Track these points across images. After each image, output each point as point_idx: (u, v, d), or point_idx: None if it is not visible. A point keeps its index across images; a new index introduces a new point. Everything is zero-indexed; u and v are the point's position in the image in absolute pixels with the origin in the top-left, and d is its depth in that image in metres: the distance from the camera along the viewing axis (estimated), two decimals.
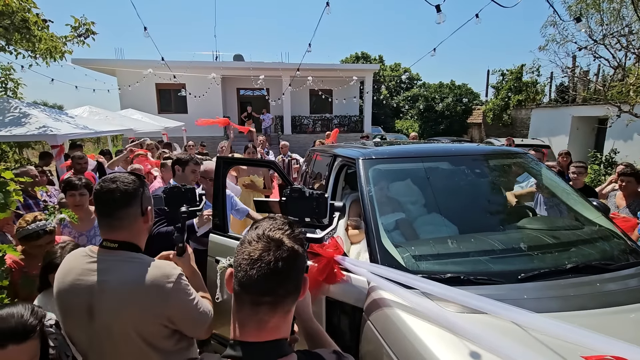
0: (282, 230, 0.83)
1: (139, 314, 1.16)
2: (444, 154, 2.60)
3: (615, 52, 6.36)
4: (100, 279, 1.17)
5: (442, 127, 21.16)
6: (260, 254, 0.77)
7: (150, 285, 1.15)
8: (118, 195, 1.19)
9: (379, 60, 28.82)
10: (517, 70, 18.02)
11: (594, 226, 2.15)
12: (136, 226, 1.25)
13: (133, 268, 1.19)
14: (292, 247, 0.80)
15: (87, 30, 5.69)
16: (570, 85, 13.37)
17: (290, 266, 0.79)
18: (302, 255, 0.83)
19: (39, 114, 5.55)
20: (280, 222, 0.86)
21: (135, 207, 1.23)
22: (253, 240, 0.81)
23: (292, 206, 1.14)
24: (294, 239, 0.83)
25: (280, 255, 0.78)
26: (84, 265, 1.20)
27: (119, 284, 1.16)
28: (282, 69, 16.33)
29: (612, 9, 6.14)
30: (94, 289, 1.16)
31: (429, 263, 1.77)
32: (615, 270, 1.74)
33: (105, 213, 1.21)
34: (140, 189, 1.25)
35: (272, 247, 0.78)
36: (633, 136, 9.91)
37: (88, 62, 14.47)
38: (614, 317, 1.40)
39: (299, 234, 0.85)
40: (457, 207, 2.31)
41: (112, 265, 1.19)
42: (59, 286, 1.21)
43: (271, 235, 0.81)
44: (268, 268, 0.76)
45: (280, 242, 0.80)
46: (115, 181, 1.21)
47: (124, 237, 1.23)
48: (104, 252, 1.22)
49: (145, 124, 9.85)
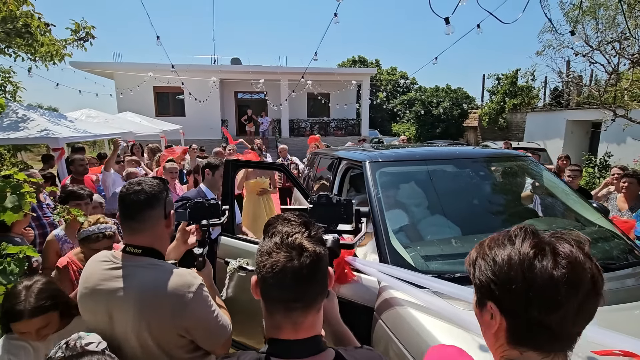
0: (300, 233, 0.81)
1: (157, 322, 1.14)
2: (448, 157, 2.65)
3: (610, 57, 6.51)
4: (120, 285, 1.16)
5: (439, 131, 21.34)
6: (284, 265, 0.76)
7: (171, 293, 1.14)
8: (143, 198, 1.19)
9: (376, 64, 29.03)
10: (512, 74, 18.25)
11: (594, 227, 2.21)
12: (158, 230, 1.24)
13: (154, 275, 1.17)
14: (313, 250, 0.78)
15: (87, 34, 5.71)
16: (565, 90, 13.57)
17: (316, 270, 0.78)
18: (324, 255, 0.81)
19: (38, 117, 5.54)
20: (296, 224, 0.83)
21: (158, 209, 1.22)
22: (273, 251, 0.78)
23: (319, 213, 1.15)
24: (313, 239, 0.81)
25: (304, 263, 0.76)
26: (105, 270, 1.19)
27: (139, 291, 1.15)
28: (280, 72, 16.42)
29: (607, 15, 6.29)
30: (113, 295, 1.15)
31: (438, 263, 1.80)
32: (616, 270, 1.79)
33: (129, 215, 1.21)
34: (164, 192, 1.25)
35: (295, 256, 0.77)
36: (627, 140, 10.07)
37: (86, 65, 14.44)
38: (618, 315, 1.44)
39: (317, 233, 0.83)
40: (462, 208, 2.36)
41: (133, 272, 1.18)
42: (81, 291, 1.21)
43: (290, 242, 0.78)
44: (294, 277, 0.76)
45: (302, 248, 0.78)
46: (141, 184, 1.22)
47: (146, 242, 1.22)
48: (126, 258, 1.21)
49: (143, 127, 9.83)
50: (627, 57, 6.18)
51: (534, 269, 0.63)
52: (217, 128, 16.71)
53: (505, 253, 0.66)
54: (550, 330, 0.63)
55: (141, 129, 9.42)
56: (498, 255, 0.67)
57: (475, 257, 0.72)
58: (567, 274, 0.61)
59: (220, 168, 2.78)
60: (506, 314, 0.66)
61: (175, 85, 13.55)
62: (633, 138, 9.69)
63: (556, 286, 0.61)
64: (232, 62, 18.86)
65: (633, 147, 9.87)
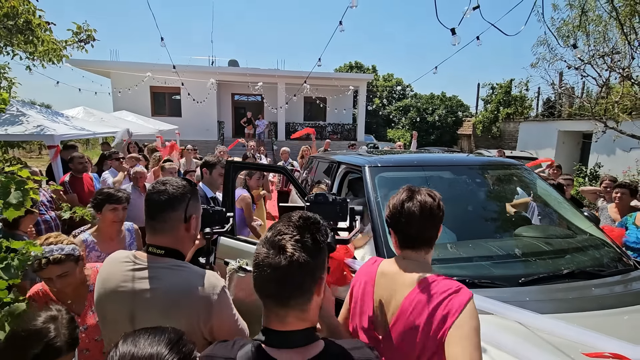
0: (289, 235, 0.81)
1: (183, 324, 1.11)
2: (445, 163, 2.71)
3: (601, 71, 6.68)
4: (145, 286, 1.14)
5: (433, 138, 21.58)
6: (262, 259, 0.79)
7: (198, 295, 1.13)
8: (165, 198, 1.18)
9: (373, 70, 29.28)
10: (506, 84, 18.57)
11: (586, 235, 2.28)
12: (178, 232, 1.22)
13: (180, 276, 1.16)
14: (291, 254, 0.78)
15: (88, 36, 5.69)
16: (557, 101, 13.85)
17: (290, 273, 0.78)
18: (302, 262, 0.78)
19: (34, 114, 5.51)
20: (292, 225, 0.83)
21: (178, 212, 1.20)
22: (261, 243, 0.82)
23: (316, 211, 1.14)
24: (299, 245, 0.79)
25: (279, 264, 0.77)
26: (127, 271, 1.17)
27: (165, 293, 1.13)
28: (277, 75, 16.48)
29: (598, 31, 6.47)
30: (137, 297, 1.13)
31: (435, 267, 1.84)
32: (607, 276, 1.86)
33: (151, 215, 1.20)
34: (187, 195, 1.23)
35: (272, 255, 0.78)
36: (616, 151, 10.31)
37: (84, 63, 14.35)
38: (608, 319, 1.50)
39: (309, 241, 0.81)
40: (458, 214, 2.41)
41: (158, 273, 1.16)
42: (100, 292, 1.19)
43: (275, 241, 0.80)
44: (266, 274, 0.78)
45: (281, 250, 0.79)
46: (166, 184, 1.21)
47: (169, 243, 1.20)
48: (150, 259, 1.19)
49: (139, 127, 9.79)
50: (617, 71, 6.36)
51: (404, 206, 1.18)
52: (213, 129, 16.68)
53: (393, 201, 1.23)
54: (413, 237, 1.19)
55: (137, 129, 9.37)
56: (391, 203, 1.23)
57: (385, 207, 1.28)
58: (418, 208, 1.16)
59: (218, 166, 2.76)
60: (395, 232, 1.23)
61: (172, 85, 13.54)
62: (622, 150, 9.92)
63: (413, 214, 1.16)
64: (230, 64, 18.89)
65: (622, 158, 10.10)
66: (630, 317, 1.51)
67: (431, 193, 1.21)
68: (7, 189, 1.65)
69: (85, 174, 4.33)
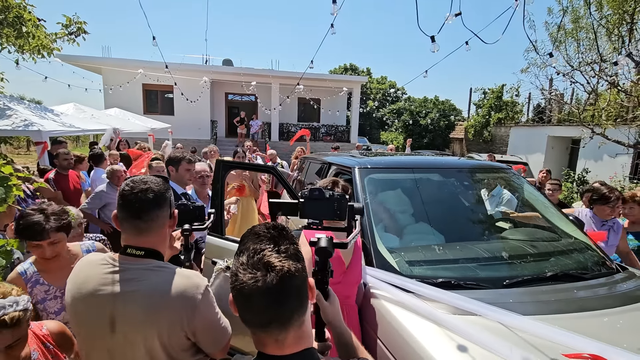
0: (267, 249, 0.75)
1: (167, 325, 1.10)
2: (434, 166, 2.73)
3: (589, 78, 6.82)
4: (126, 288, 1.10)
5: (426, 141, 21.76)
6: (251, 287, 0.72)
7: (181, 295, 1.11)
8: (151, 196, 1.14)
9: (367, 72, 29.41)
10: (498, 89, 18.80)
11: (570, 238, 2.32)
12: (163, 231, 1.20)
13: (162, 277, 1.13)
14: (281, 267, 0.73)
15: (78, 29, 5.62)
16: (546, 107, 14.08)
17: (287, 287, 0.73)
18: (294, 271, 0.75)
19: (22, 109, 5.41)
20: (265, 240, 0.78)
21: (165, 209, 1.19)
22: (239, 272, 0.74)
23: (310, 208, 1.08)
24: (283, 255, 0.75)
25: (271, 282, 0.72)
26: (105, 273, 1.12)
27: (148, 294, 1.10)
28: (272, 76, 16.45)
29: (587, 38, 6.61)
30: (118, 300, 1.09)
31: (421, 268, 1.87)
32: (589, 279, 1.89)
33: (135, 215, 1.14)
34: (169, 191, 1.22)
35: (260, 277, 0.72)
36: (603, 157, 10.51)
37: (74, 58, 14.13)
38: (590, 321, 1.53)
39: (289, 247, 0.77)
40: (446, 216, 2.43)
41: (139, 275, 1.12)
42: (75, 296, 1.13)
43: (256, 262, 0.74)
44: (263, 300, 0.72)
45: (268, 267, 0.73)
46: (147, 182, 1.17)
47: (150, 244, 1.17)
48: (129, 260, 1.15)
49: (131, 124, 9.68)
50: (605, 79, 6.50)
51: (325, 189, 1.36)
52: (205, 128, 16.57)
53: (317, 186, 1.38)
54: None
55: (129, 126, 9.27)
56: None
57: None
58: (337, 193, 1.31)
59: (183, 162, 2.62)
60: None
61: (165, 83, 13.40)
62: (609, 155, 10.12)
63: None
64: (224, 63, 18.79)
65: (609, 164, 10.31)
66: (610, 319, 1.54)
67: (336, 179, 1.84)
68: None
69: (70, 170, 4.26)
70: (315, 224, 1.09)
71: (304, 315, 0.78)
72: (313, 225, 1.10)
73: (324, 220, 1.09)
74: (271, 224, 0.83)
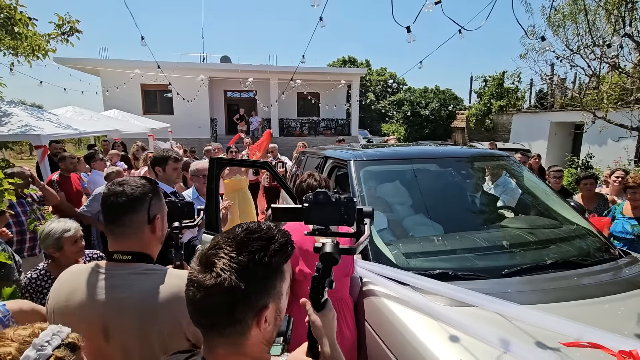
0: (225, 250, 0.68)
1: (167, 329, 1.06)
2: (431, 155, 2.70)
3: (590, 61, 6.69)
4: (117, 295, 1.06)
5: (427, 131, 21.59)
6: (189, 276, 0.69)
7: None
8: (123, 200, 1.10)
9: (366, 64, 29.17)
10: (498, 76, 18.56)
11: (572, 225, 2.28)
12: (143, 236, 1.14)
13: (154, 280, 1.09)
14: (218, 275, 0.65)
15: (71, 28, 5.58)
16: (548, 92, 13.89)
17: (214, 298, 0.65)
18: (233, 288, 0.65)
19: (21, 112, 5.40)
20: (232, 240, 0.70)
21: (140, 213, 1.13)
22: (193, 260, 0.71)
23: (315, 213, 1.00)
24: (232, 265, 0.66)
25: (202, 283, 0.66)
26: (92, 282, 1.08)
27: (140, 299, 1.06)
28: (270, 71, 16.36)
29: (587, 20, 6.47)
30: (109, 307, 1.05)
31: (418, 260, 1.84)
32: (590, 266, 1.86)
33: (109, 219, 1.12)
34: (148, 195, 1.15)
35: (199, 272, 0.68)
36: (607, 141, 10.38)
37: (71, 61, 14.14)
38: (590, 308, 1.50)
39: (244, 261, 0.68)
40: (444, 206, 2.40)
41: (128, 280, 1.08)
42: (62, 309, 1.07)
43: (206, 256, 0.69)
44: (191, 293, 0.68)
45: (210, 267, 0.67)
46: (123, 184, 1.13)
47: (135, 247, 1.13)
48: (116, 266, 1.11)
49: (131, 125, 9.68)
50: (606, 61, 6.37)
51: (304, 182, 1.88)
52: (205, 127, 16.55)
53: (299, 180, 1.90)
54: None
55: (128, 127, 9.27)
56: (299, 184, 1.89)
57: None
58: (313, 183, 1.83)
59: (170, 161, 2.57)
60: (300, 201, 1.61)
61: (163, 82, 13.35)
62: (612, 140, 9.99)
63: (314, 188, 1.73)
64: (222, 60, 18.70)
65: (613, 149, 10.17)
66: (611, 306, 1.51)
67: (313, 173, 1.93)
68: None
69: (73, 173, 4.29)
70: (320, 230, 1.00)
71: (238, 339, 0.69)
72: (318, 231, 1.01)
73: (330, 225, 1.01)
74: (258, 227, 0.75)
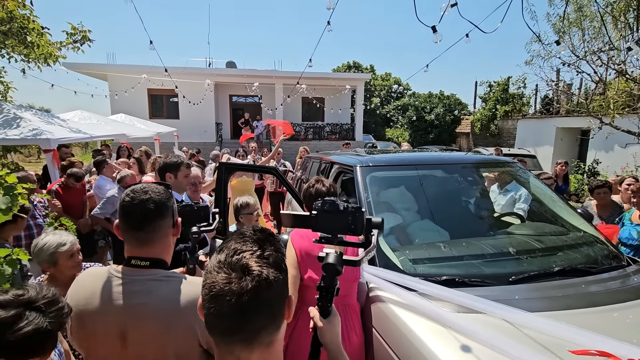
0: (249, 252, 0.69)
1: (182, 336, 1.06)
2: (437, 162, 2.71)
3: (596, 67, 6.67)
4: (136, 301, 1.06)
5: (432, 136, 21.57)
6: (221, 287, 0.65)
7: (193, 304, 1.06)
8: (152, 207, 1.10)
9: (370, 69, 29.26)
10: (504, 82, 18.53)
11: (579, 232, 2.27)
12: (167, 240, 1.17)
13: (171, 287, 1.09)
14: (259, 273, 0.66)
15: (83, 37, 5.70)
16: (554, 98, 13.83)
17: (261, 298, 0.66)
18: (274, 281, 0.67)
19: (31, 117, 5.49)
20: (249, 241, 0.71)
21: (168, 218, 1.15)
22: (214, 270, 0.68)
23: (323, 221, 1.01)
24: (264, 261, 0.68)
25: (245, 288, 0.65)
26: (111, 287, 1.08)
27: (160, 306, 1.06)
28: (275, 76, 16.48)
29: (593, 27, 6.46)
30: (128, 313, 1.06)
31: (425, 266, 1.85)
32: (598, 273, 1.85)
33: (136, 227, 1.11)
34: (171, 199, 1.18)
35: (234, 279, 0.65)
36: (614, 147, 10.29)
37: (80, 66, 14.33)
38: (598, 316, 1.50)
39: (272, 254, 0.71)
40: (450, 213, 2.41)
41: (147, 286, 1.09)
42: (83, 311, 1.08)
43: (234, 262, 0.67)
44: (231, 304, 0.64)
45: (245, 270, 0.66)
46: (147, 191, 1.13)
47: (154, 254, 1.14)
48: (134, 272, 1.11)
49: (137, 129, 9.79)
50: (612, 68, 6.35)
51: (313, 187, 1.89)
52: (211, 131, 16.67)
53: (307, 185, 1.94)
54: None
55: (135, 131, 9.36)
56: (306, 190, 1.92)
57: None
58: (321, 189, 1.87)
59: (182, 167, 2.52)
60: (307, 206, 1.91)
61: (169, 87, 13.51)
62: (619, 146, 9.90)
63: (322, 194, 1.83)
64: (227, 65, 18.87)
65: (620, 155, 10.09)
66: (620, 314, 1.50)
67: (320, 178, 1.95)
68: None
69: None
70: (327, 239, 1.01)
71: (275, 335, 0.70)
72: (325, 239, 1.02)
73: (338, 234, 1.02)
74: (261, 227, 0.78)
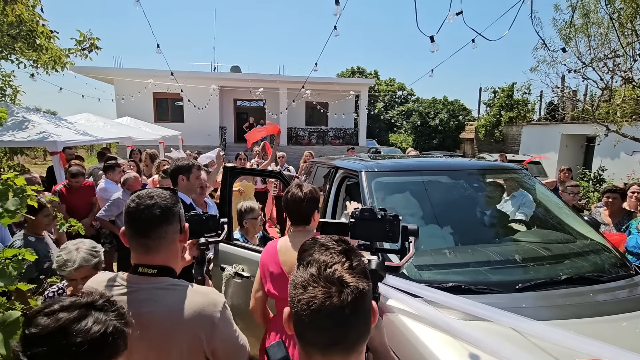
0: (340, 264, 0.70)
1: (187, 346, 1.05)
2: (442, 168, 2.70)
3: (602, 74, 6.65)
4: (142, 310, 1.03)
5: (436, 142, 21.56)
6: (321, 302, 0.65)
7: (199, 314, 1.06)
8: (158, 212, 1.08)
9: (375, 74, 29.36)
10: (508, 88, 18.53)
11: (586, 240, 2.25)
12: (174, 247, 1.14)
13: (178, 296, 1.07)
14: (356, 286, 0.67)
15: (91, 44, 5.77)
16: (559, 104, 13.79)
17: (359, 308, 0.67)
18: (368, 291, 0.70)
19: (39, 119, 5.56)
20: (335, 253, 0.72)
21: (174, 224, 1.12)
22: (309, 285, 0.68)
23: (361, 229, 1.02)
24: (355, 272, 0.70)
25: (345, 301, 0.65)
26: (118, 295, 1.06)
27: (165, 315, 1.04)
28: (279, 81, 16.59)
29: (599, 33, 6.45)
30: (136, 323, 1.03)
31: (431, 273, 1.84)
32: (606, 282, 1.83)
33: (142, 233, 1.09)
34: (178, 204, 1.15)
35: (334, 293, 0.66)
36: (620, 154, 10.22)
37: (87, 70, 14.52)
38: (606, 325, 1.48)
39: (359, 264, 0.72)
40: (456, 219, 2.40)
41: (154, 294, 1.07)
42: None
43: (329, 276, 0.68)
44: (333, 318, 0.65)
45: (343, 283, 0.67)
46: (153, 196, 1.10)
47: (161, 261, 1.11)
48: (141, 280, 1.09)
49: (143, 133, 9.87)
50: (619, 75, 6.32)
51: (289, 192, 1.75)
52: (215, 135, 16.78)
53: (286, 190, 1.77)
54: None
55: (140, 134, 9.45)
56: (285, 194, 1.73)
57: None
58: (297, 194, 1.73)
59: (194, 169, 2.49)
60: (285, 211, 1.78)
61: (174, 91, 13.63)
62: (626, 153, 9.84)
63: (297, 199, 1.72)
64: (232, 69, 19.03)
65: (626, 162, 10.02)
66: (629, 324, 1.48)
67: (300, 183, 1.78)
68: (5, 196, 1.67)
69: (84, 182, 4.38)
70: (365, 246, 1.02)
71: (365, 342, 0.72)
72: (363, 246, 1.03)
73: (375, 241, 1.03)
74: (336, 237, 0.78)
